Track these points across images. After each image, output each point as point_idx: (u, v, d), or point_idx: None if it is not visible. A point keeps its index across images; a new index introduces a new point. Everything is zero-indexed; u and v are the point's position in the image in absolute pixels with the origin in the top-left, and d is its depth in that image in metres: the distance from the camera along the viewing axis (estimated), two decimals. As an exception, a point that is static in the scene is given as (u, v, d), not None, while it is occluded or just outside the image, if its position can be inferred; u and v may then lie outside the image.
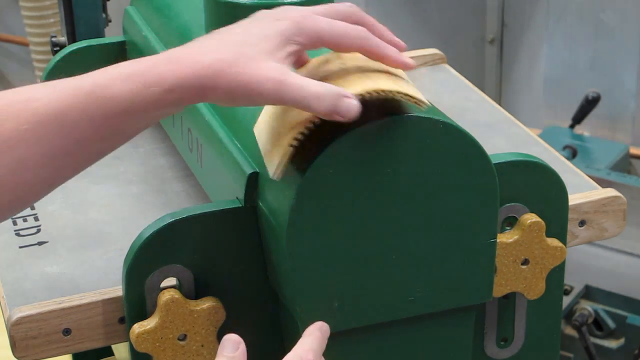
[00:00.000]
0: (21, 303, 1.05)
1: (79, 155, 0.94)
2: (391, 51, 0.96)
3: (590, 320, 2.61)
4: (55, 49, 1.96)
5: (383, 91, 0.92)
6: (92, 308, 1.04)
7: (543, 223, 1.06)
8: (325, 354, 0.98)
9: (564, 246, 1.08)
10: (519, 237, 1.05)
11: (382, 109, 0.94)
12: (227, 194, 1.05)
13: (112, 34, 1.60)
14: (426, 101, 0.94)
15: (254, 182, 1.01)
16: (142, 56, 1.35)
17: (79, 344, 1.05)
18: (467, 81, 1.50)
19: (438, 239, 0.99)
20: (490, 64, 3.32)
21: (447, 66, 1.54)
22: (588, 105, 3.02)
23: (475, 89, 1.48)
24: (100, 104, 0.90)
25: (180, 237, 1.01)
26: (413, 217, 0.98)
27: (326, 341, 0.97)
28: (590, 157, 2.93)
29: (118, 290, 1.05)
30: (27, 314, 1.03)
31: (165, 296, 1.00)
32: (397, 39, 0.97)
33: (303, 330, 0.99)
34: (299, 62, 0.98)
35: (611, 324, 2.62)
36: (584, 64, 3.12)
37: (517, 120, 1.39)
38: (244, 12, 1.15)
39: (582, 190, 1.19)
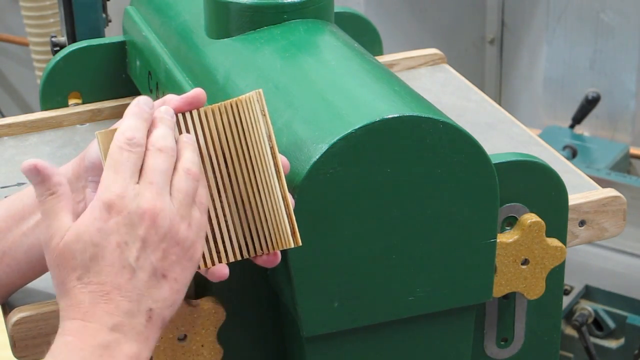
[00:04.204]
0: (21, 303, 1.05)
1: None
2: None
3: (590, 320, 2.60)
4: (55, 49, 1.96)
5: None
6: (92, 308, 1.04)
7: (543, 223, 1.06)
8: (324, 354, 0.98)
9: (564, 246, 1.08)
10: (519, 237, 1.05)
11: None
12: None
13: (112, 34, 1.60)
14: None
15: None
16: (142, 57, 1.35)
17: (79, 344, 1.05)
18: (467, 81, 1.50)
19: (438, 239, 0.99)
20: (490, 64, 3.32)
21: (447, 66, 1.54)
22: (588, 105, 3.02)
23: (475, 89, 1.48)
24: None
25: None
26: (413, 217, 0.98)
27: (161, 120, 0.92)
28: (590, 157, 2.93)
29: (118, 290, 1.04)
30: (27, 314, 1.03)
31: (165, 296, 1.00)
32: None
33: (304, 332, 0.99)
34: None
35: (611, 324, 2.61)
36: (584, 64, 3.12)
37: (517, 120, 1.39)
38: (244, 12, 1.16)
39: (582, 190, 1.19)
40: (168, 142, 0.91)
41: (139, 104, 0.93)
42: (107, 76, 1.46)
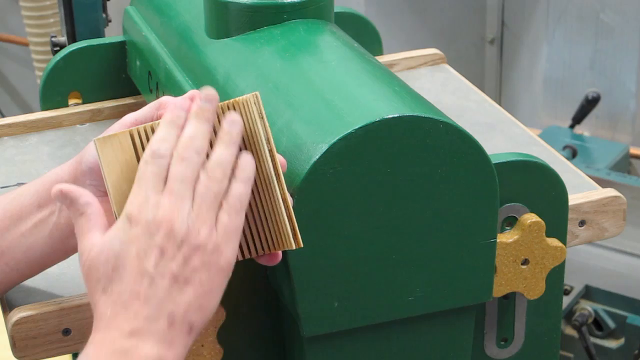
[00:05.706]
0: (21, 303, 1.05)
1: None
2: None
3: (590, 320, 2.60)
4: (55, 49, 1.96)
5: None
6: (92, 308, 1.04)
7: (543, 223, 1.06)
8: (324, 354, 0.97)
9: (564, 246, 1.08)
10: (519, 237, 1.05)
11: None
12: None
13: (112, 34, 1.60)
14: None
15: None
16: (142, 57, 1.35)
17: (78, 344, 1.05)
18: (467, 81, 1.50)
19: (438, 239, 0.99)
20: (490, 64, 3.32)
21: (447, 66, 1.54)
22: (588, 105, 3.02)
23: (475, 89, 1.48)
24: None
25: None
26: (413, 217, 0.98)
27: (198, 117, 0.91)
28: (590, 157, 2.93)
29: (118, 290, 1.04)
30: (27, 314, 1.03)
31: (165, 296, 0.99)
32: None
33: (304, 332, 0.99)
34: None
35: (611, 324, 2.61)
36: (584, 64, 3.12)
37: (517, 120, 1.39)
38: (244, 12, 1.16)
39: (582, 190, 1.19)
40: (195, 144, 0.90)
41: (174, 109, 0.91)
42: (107, 76, 1.46)
